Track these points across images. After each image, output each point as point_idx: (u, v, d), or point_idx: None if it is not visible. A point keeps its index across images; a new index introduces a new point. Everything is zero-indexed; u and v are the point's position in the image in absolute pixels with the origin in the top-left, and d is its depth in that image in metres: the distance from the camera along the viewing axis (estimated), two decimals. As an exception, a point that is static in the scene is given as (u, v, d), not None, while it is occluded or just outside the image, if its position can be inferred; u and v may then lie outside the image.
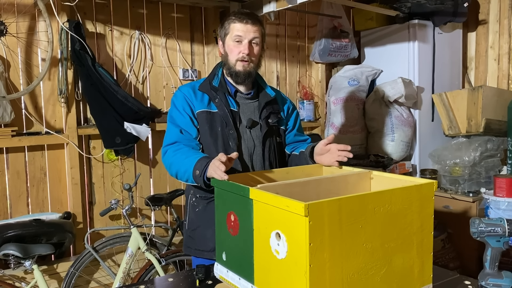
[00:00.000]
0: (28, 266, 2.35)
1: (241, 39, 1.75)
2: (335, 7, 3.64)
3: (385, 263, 1.22)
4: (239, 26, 1.75)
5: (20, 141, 2.61)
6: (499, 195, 2.77)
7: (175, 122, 1.79)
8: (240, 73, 1.79)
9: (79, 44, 2.67)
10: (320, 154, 1.76)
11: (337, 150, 1.69)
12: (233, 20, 1.77)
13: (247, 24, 1.74)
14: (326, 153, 1.73)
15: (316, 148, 1.77)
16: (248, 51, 1.75)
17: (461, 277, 1.55)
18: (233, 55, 1.78)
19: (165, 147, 1.78)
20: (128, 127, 2.80)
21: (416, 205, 1.28)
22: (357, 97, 3.59)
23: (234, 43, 1.77)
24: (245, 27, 1.74)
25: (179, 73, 3.23)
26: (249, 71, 1.79)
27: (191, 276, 1.59)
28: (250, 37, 1.75)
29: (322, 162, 1.76)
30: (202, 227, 1.81)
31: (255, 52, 1.78)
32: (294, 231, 1.12)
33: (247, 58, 1.76)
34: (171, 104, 1.85)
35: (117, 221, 2.99)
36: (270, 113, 1.87)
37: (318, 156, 1.77)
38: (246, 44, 1.75)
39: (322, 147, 1.74)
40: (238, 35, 1.75)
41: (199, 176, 1.57)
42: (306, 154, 1.81)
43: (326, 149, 1.73)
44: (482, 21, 3.77)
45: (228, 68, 1.81)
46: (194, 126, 1.79)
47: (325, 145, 1.73)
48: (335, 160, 1.69)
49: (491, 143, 3.28)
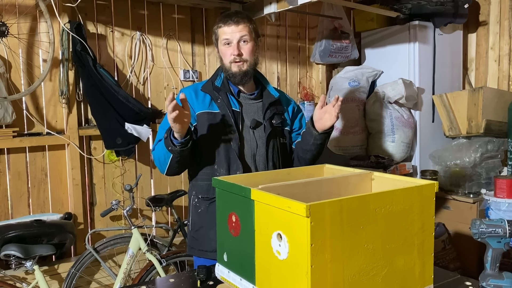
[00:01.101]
0: (29, 267, 2.35)
1: (229, 41, 1.78)
2: (336, 8, 3.64)
3: (386, 264, 1.23)
4: (225, 29, 1.78)
5: (21, 142, 2.61)
6: (500, 196, 2.77)
7: (165, 124, 1.80)
8: (236, 74, 1.80)
9: (80, 45, 2.68)
10: (320, 119, 1.82)
11: (332, 106, 1.78)
12: (219, 25, 1.80)
13: (231, 25, 1.77)
14: (325, 115, 1.81)
15: (314, 116, 1.84)
16: (238, 51, 1.77)
17: (462, 278, 1.55)
18: (226, 58, 1.80)
19: (153, 146, 1.84)
20: (129, 128, 2.80)
21: (417, 206, 1.28)
22: (357, 98, 3.60)
23: (225, 47, 1.80)
24: (229, 28, 1.77)
25: (180, 74, 3.24)
26: (245, 71, 1.80)
27: (192, 276, 1.60)
28: (237, 37, 1.77)
29: (325, 124, 1.82)
30: (205, 227, 1.82)
31: (247, 50, 1.79)
32: (295, 232, 1.12)
33: (238, 59, 1.78)
34: None
35: (118, 221, 2.99)
36: (274, 113, 1.87)
37: (319, 122, 1.83)
38: (235, 45, 1.77)
39: (319, 111, 1.82)
40: (225, 38, 1.78)
41: (167, 137, 1.65)
42: (309, 126, 1.86)
43: (323, 111, 1.81)
44: (483, 22, 3.78)
45: (225, 71, 1.83)
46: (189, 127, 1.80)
47: (320, 108, 1.82)
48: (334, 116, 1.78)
49: (491, 144, 3.28)
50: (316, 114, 1.83)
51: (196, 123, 1.81)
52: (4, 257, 2.33)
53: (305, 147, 1.89)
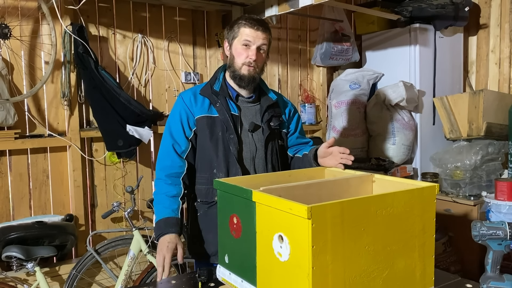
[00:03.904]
0: (30, 268, 2.35)
1: (249, 44, 1.76)
2: (337, 11, 3.65)
3: (387, 266, 1.23)
4: (249, 31, 1.76)
5: (23, 144, 2.62)
6: (500, 198, 2.77)
7: (170, 130, 1.83)
8: (244, 77, 1.79)
9: (82, 47, 2.69)
10: (323, 157, 1.79)
11: (338, 153, 1.73)
12: (244, 24, 1.77)
13: (258, 30, 1.76)
14: (329, 156, 1.77)
15: (319, 151, 1.81)
16: (256, 57, 1.77)
17: (462, 280, 1.55)
18: (240, 59, 1.78)
19: (157, 173, 1.83)
20: (131, 129, 2.81)
21: (418, 208, 1.29)
22: (358, 101, 3.60)
23: (242, 47, 1.77)
24: (255, 33, 1.76)
25: (181, 76, 3.25)
26: (254, 76, 1.80)
27: (194, 278, 1.60)
28: (259, 44, 1.77)
29: (326, 164, 1.79)
30: (203, 231, 1.83)
31: (260, 59, 1.80)
32: (296, 234, 1.12)
33: (253, 64, 1.78)
34: (171, 111, 1.88)
35: (119, 223, 2.99)
36: (272, 116, 1.88)
37: (322, 159, 1.80)
38: (254, 50, 1.76)
39: (325, 150, 1.77)
40: (247, 40, 1.76)
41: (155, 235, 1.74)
42: (310, 157, 1.83)
43: (329, 151, 1.77)
44: (483, 25, 3.78)
45: (233, 70, 1.81)
46: (186, 137, 1.82)
47: (326, 147, 1.77)
48: (339, 163, 1.73)
49: (492, 146, 3.28)
50: (321, 150, 1.80)
51: (196, 127, 1.82)
52: (5, 258, 2.33)
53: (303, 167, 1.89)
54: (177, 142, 1.81)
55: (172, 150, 1.80)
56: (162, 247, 1.67)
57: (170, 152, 1.80)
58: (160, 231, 1.72)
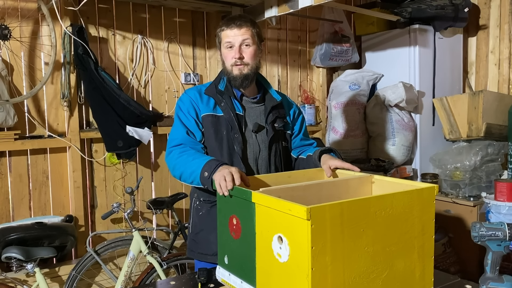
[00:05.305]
0: (30, 269, 2.35)
1: (231, 45, 1.78)
2: (336, 12, 3.65)
3: (386, 267, 1.23)
4: (228, 32, 1.78)
5: (22, 145, 2.62)
6: (500, 199, 2.78)
7: (182, 122, 1.80)
8: (236, 77, 1.80)
9: (82, 48, 2.69)
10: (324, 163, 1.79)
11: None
12: (222, 28, 1.80)
13: (233, 28, 1.77)
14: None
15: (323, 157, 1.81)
16: (240, 54, 1.77)
17: (462, 281, 1.56)
18: (228, 61, 1.80)
19: (170, 148, 1.77)
20: (130, 130, 2.81)
21: (417, 209, 1.29)
22: (358, 101, 3.61)
23: (227, 50, 1.80)
24: (232, 32, 1.77)
25: (181, 77, 3.25)
26: (246, 74, 1.80)
27: (193, 279, 1.60)
28: (240, 41, 1.77)
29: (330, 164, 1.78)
30: (206, 230, 1.82)
31: (248, 54, 1.79)
32: (296, 235, 1.12)
33: (239, 62, 1.78)
34: (176, 107, 1.86)
35: (119, 224, 3.00)
36: (276, 117, 1.88)
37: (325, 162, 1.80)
38: (237, 48, 1.77)
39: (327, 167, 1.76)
40: (228, 41, 1.78)
41: (208, 178, 1.55)
42: (315, 158, 1.83)
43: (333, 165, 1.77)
44: (483, 26, 3.79)
45: (227, 74, 1.83)
46: (199, 129, 1.80)
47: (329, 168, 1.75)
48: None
49: (491, 147, 3.28)
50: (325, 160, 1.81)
51: (202, 125, 1.82)
52: (5, 259, 2.33)
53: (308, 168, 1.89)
54: (192, 133, 1.79)
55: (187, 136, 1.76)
56: (224, 170, 1.49)
57: (184, 136, 1.76)
58: (215, 163, 1.55)
